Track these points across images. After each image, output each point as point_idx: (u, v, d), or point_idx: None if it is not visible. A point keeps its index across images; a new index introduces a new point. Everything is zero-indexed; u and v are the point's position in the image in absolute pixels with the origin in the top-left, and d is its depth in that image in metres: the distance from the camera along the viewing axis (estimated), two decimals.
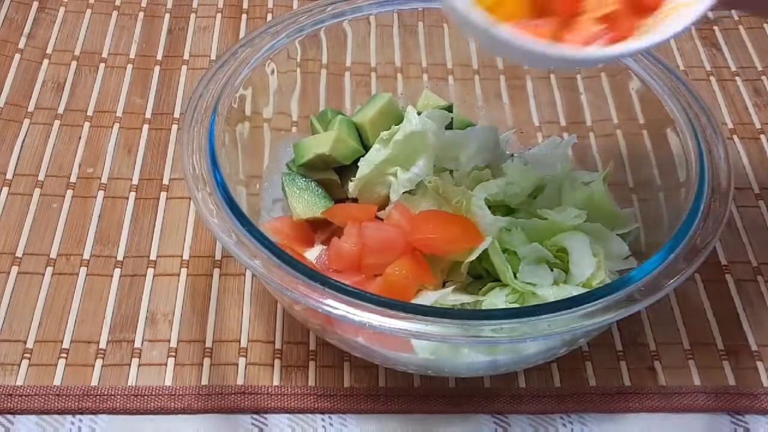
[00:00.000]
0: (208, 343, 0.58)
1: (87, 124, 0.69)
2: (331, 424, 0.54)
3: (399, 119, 0.62)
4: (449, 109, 0.64)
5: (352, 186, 0.59)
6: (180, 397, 0.55)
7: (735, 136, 0.72)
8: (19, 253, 0.61)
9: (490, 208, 0.55)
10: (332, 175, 0.61)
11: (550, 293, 0.52)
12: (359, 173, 0.59)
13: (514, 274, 0.53)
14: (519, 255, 0.54)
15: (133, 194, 0.65)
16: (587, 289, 0.52)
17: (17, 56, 0.74)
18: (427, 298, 0.53)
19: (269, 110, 0.63)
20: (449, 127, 0.61)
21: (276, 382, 0.56)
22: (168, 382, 0.56)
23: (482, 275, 0.56)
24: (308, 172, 0.61)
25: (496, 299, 0.53)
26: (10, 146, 0.67)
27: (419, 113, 0.59)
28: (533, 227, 0.55)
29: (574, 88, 0.66)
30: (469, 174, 0.58)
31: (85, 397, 0.54)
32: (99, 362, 0.56)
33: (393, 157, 0.58)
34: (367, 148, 0.61)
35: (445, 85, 0.70)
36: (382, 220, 0.57)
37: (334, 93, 0.69)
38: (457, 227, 0.54)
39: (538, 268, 0.54)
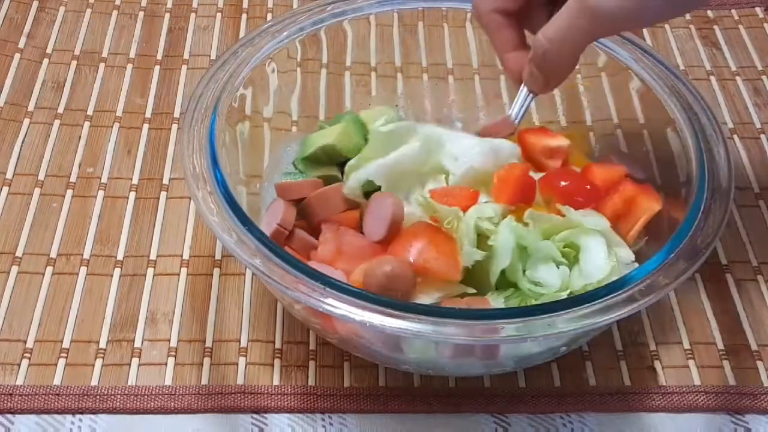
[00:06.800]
0: (208, 343, 0.58)
1: (87, 124, 0.69)
2: (331, 424, 0.54)
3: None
4: None
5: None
6: (180, 396, 0.55)
7: (735, 136, 0.72)
8: (19, 253, 0.61)
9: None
10: (334, 170, 0.61)
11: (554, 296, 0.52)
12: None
13: (524, 272, 0.53)
14: (528, 251, 0.53)
15: (133, 194, 0.65)
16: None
17: (17, 56, 0.74)
18: (427, 298, 0.53)
19: (269, 110, 0.63)
20: None
21: (276, 382, 0.56)
22: (168, 382, 0.56)
23: None
24: (312, 167, 0.61)
25: (496, 299, 0.53)
26: (10, 146, 0.67)
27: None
28: (549, 221, 0.54)
29: (575, 88, 0.66)
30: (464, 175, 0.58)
31: (85, 397, 0.54)
32: (99, 362, 0.56)
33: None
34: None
35: (445, 85, 0.70)
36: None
37: (334, 92, 0.69)
38: (448, 268, 0.52)
39: (545, 267, 0.53)
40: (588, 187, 0.57)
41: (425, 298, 0.52)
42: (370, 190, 0.57)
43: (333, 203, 0.57)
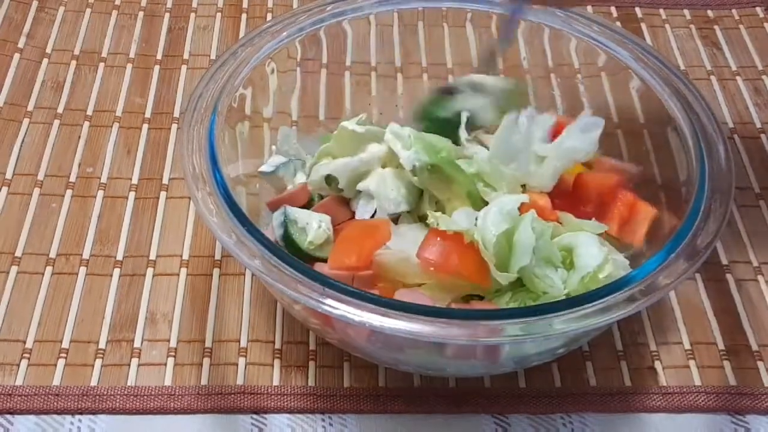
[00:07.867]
0: (208, 343, 0.57)
1: (86, 124, 0.69)
2: (330, 424, 0.54)
3: None
4: None
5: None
6: (180, 397, 0.55)
7: (735, 136, 0.72)
8: (18, 253, 0.61)
9: None
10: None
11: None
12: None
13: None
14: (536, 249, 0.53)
15: (132, 194, 0.65)
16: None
17: (17, 56, 0.74)
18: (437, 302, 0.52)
19: (269, 110, 0.63)
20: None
21: (276, 382, 0.56)
22: (168, 382, 0.56)
23: None
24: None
25: (497, 301, 0.53)
26: (10, 146, 0.67)
27: None
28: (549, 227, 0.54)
29: (575, 88, 0.66)
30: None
31: (85, 397, 0.54)
32: (98, 362, 0.56)
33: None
34: None
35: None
36: None
37: (334, 93, 0.69)
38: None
39: (547, 268, 0.53)
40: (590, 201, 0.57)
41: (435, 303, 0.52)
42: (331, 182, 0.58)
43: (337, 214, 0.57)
